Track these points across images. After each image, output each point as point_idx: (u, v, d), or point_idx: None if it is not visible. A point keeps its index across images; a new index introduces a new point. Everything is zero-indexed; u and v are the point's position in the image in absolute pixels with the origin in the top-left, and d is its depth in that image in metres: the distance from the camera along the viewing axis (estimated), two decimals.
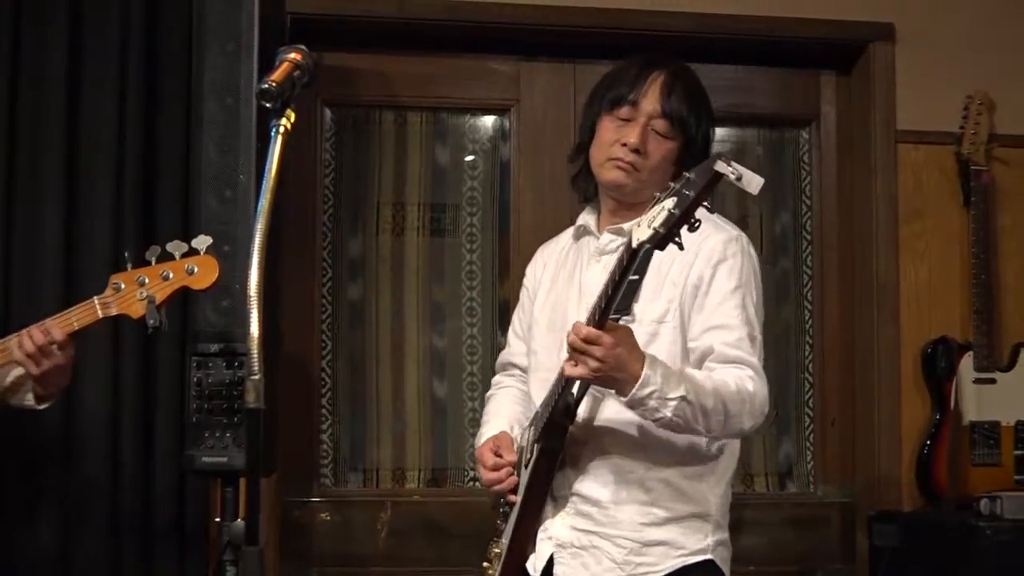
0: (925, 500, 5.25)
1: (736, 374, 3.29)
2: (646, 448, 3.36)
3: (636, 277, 3.30)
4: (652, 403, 3.16)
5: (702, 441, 3.37)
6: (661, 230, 2.85)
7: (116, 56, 4.85)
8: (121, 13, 4.86)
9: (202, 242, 3.77)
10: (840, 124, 5.64)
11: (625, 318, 3.32)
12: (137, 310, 3.75)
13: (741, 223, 5.48)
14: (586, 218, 3.65)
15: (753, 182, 2.93)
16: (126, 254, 3.82)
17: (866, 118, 5.46)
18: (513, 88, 5.48)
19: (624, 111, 3.49)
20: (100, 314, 3.76)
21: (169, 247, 3.75)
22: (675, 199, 2.86)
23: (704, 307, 3.37)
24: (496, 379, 3.89)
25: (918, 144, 5.43)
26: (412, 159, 5.53)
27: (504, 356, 3.88)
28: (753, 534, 5.37)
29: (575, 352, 3.11)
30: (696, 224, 2.89)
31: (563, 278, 3.64)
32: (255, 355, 2.56)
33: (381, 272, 5.49)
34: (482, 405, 3.92)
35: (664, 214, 2.86)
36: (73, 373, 3.92)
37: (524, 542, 3.48)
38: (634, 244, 2.92)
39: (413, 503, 5.36)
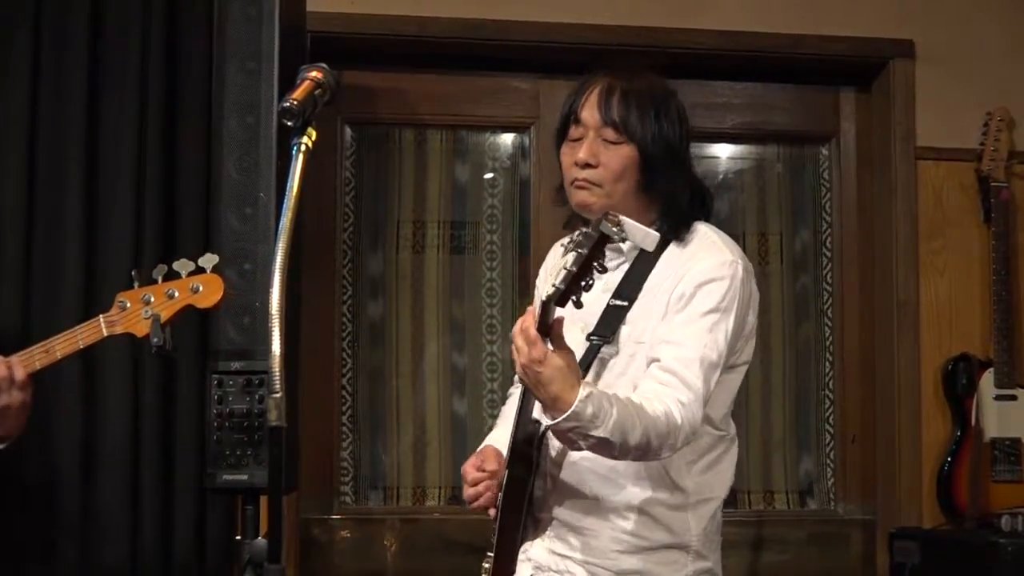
0: (946, 517, 5.24)
1: (669, 400, 3.12)
2: (624, 476, 3.29)
3: (624, 303, 3.30)
4: (572, 436, 3.05)
5: (682, 472, 3.30)
6: (561, 287, 2.82)
7: (137, 74, 4.87)
8: (142, 31, 4.87)
9: (208, 261, 3.76)
10: (860, 141, 5.64)
11: (607, 347, 3.30)
12: (142, 328, 3.74)
13: (761, 239, 5.51)
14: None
15: (647, 240, 2.89)
16: (133, 273, 3.81)
17: (886, 135, 5.46)
18: (533, 106, 5.48)
19: (572, 131, 3.38)
20: (105, 332, 3.75)
21: (176, 265, 3.74)
22: (573, 256, 2.82)
23: (672, 321, 3.23)
24: (511, 389, 3.85)
25: (938, 161, 5.43)
26: (432, 177, 5.54)
27: None
28: (774, 552, 5.36)
29: (523, 360, 3.01)
30: (590, 283, 2.84)
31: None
32: (277, 373, 2.56)
33: (401, 290, 5.49)
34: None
35: (563, 272, 2.82)
36: (29, 421, 3.80)
37: (507, 562, 3.41)
38: (543, 298, 2.88)
39: (433, 521, 5.35)
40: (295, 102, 2.77)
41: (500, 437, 3.58)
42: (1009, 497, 5.09)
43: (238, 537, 4.28)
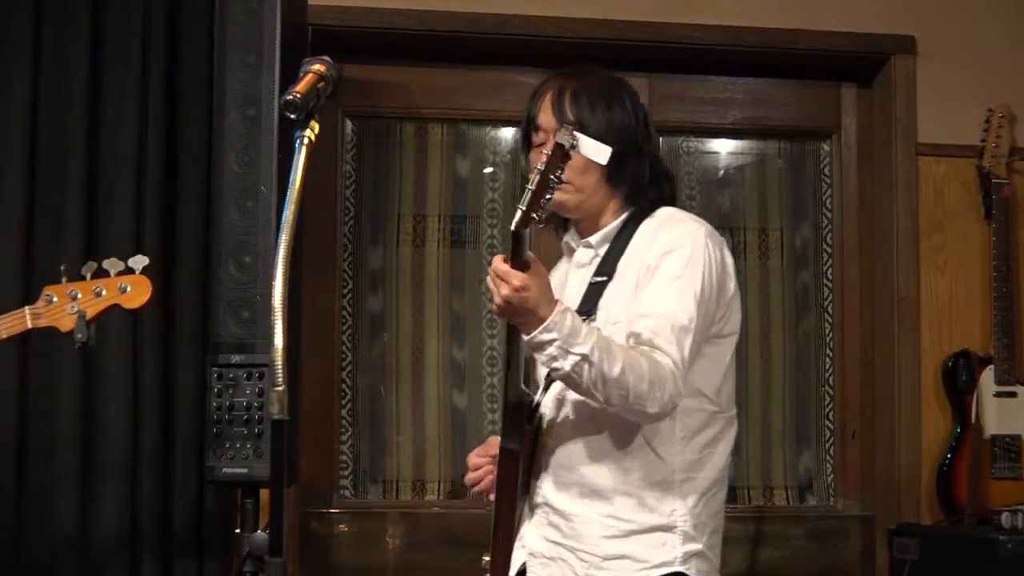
0: (945, 513, 5.24)
1: (653, 358, 3.17)
2: (612, 460, 3.31)
3: (603, 279, 3.38)
4: (551, 350, 3.09)
5: (671, 453, 3.32)
6: (523, 207, 2.97)
7: (138, 68, 4.87)
8: (143, 25, 4.88)
9: (138, 262, 3.81)
10: (861, 137, 5.64)
11: (589, 320, 3.34)
12: (66, 324, 3.77)
13: (762, 235, 5.51)
14: (568, 236, 3.63)
15: (599, 153, 3.07)
16: (62, 267, 3.83)
17: (887, 131, 5.46)
18: None
19: (535, 138, 3.47)
20: (30, 324, 3.78)
21: (105, 264, 3.79)
22: (534, 176, 2.98)
23: (643, 294, 3.29)
24: None
25: (939, 157, 5.43)
26: (432, 171, 5.54)
27: None
28: (773, 548, 5.36)
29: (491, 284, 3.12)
30: (547, 200, 3.00)
31: (556, 291, 3.65)
32: (279, 366, 2.56)
33: (401, 283, 5.49)
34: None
35: (527, 194, 2.97)
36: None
37: (505, 544, 3.45)
38: (512, 228, 3.02)
39: (433, 515, 5.36)
40: (298, 95, 2.77)
41: None
42: (1009, 494, 5.09)
43: (238, 530, 4.28)
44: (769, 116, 5.64)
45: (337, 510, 5.30)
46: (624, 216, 3.46)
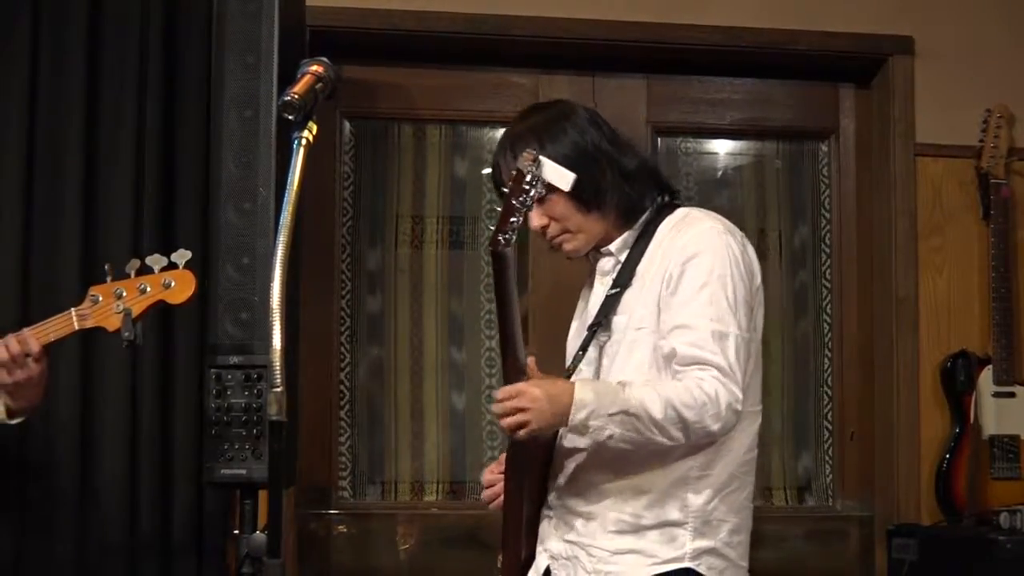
0: (944, 514, 5.24)
1: (695, 376, 3.21)
2: (622, 458, 3.32)
3: (616, 290, 3.42)
4: (594, 423, 3.17)
5: (679, 451, 3.32)
6: (492, 229, 3.03)
7: (135, 68, 4.87)
8: (141, 25, 4.88)
9: (181, 256, 3.79)
10: (859, 137, 5.63)
11: (602, 333, 3.40)
12: (113, 323, 3.75)
13: (760, 236, 5.51)
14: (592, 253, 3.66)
15: (563, 179, 3.16)
16: (106, 267, 3.82)
17: (885, 131, 5.45)
18: (532, 101, 5.43)
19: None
20: (76, 326, 3.77)
21: (148, 261, 3.76)
22: (505, 201, 3.06)
23: (671, 306, 3.31)
24: None
25: (937, 157, 5.42)
26: (431, 172, 5.54)
27: None
28: (771, 548, 5.36)
29: (510, 415, 3.16)
30: (515, 222, 3.05)
31: (583, 295, 3.70)
32: (277, 367, 2.56)
33: (400, 285, 5.49)
34: None
35: (498, 218, 3.04)
36: (47, 390, 3.90)
37: (513, 540, 3.48)
38: (490, 247, 3.07)
39: (431, 516, 5.35)
40: (296, 96, 2.77)
41: None
42: (1007, 494, 5.09)
43: (236, 531, 4.28)
44: (767, 117, 5.63)
45: (336, 511, 5.29)
46: (643, 219, 3.48)
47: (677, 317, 3.28)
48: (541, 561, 3.49)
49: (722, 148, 5.74)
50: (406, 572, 5.28)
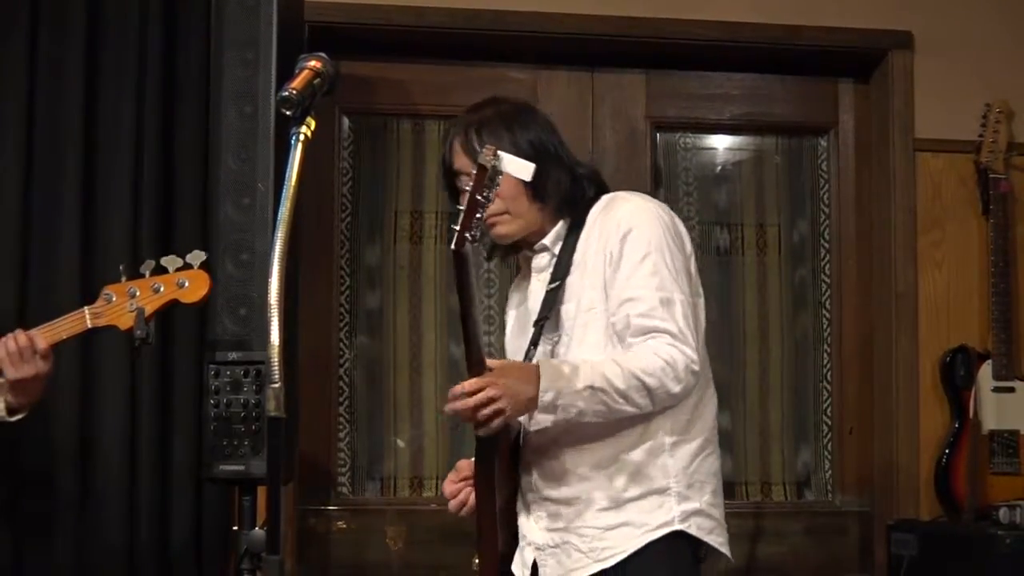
0: (944, 509, 5.24)
1: (650, 345, 3.33)
2: (598, 439, 3.41)
3: (556, 284, 3.50)
4: (562, 402, 3.26)
5: (658, 421, 3.41)
6: (456, 228, 3.08)
7: (134, 65, 4.87)
8: (139, 21, 4.88)
9: (196, 257, 3.81)
10: (859, 132, 5.63)
11: (549, 328, 3.50)
12: (126, 321, 3.77)
13: (759, 231, 5.51)
14: (522, 253, 3.73)
15: (523, 170, 3.20)
16: (121, 267, 3.83)
17: (885, 126, 5.45)
18: (531, 96, 5.44)
19: (458, 184, 3.54)
20: (89, 324, 3.78)
21: (163, 261, 3.78)
22: (464, 198, 3.10)
23: (616, 281, 3.42)
24: None
25: (937, 152, 5.42)
26: (430, 167, 5.52)
27: None
28: (771, 543, 5.36)
29: (476, 410, 3.24)
30: (479, 219, 3.11)
31: (520, 306, 3.77)
32: (275, 363, 2.56)
33: (399, 280, 5.49)
34: None
35: (460, 215, 3.09)
36: (48, 389, 3.90)
37: (490, 535, 3.50)
38: (452, 247, 3.12)
39: (430, 512, 5.34)
40: (294, 91, 2.76)
41: None
42: (1007, 489, 5.08)
43: (235, 528, 4.28)
44: (767, 112, 5.63)
45: (334, 507, 5.29)
46: (575, 211, 3.56)
47: (624, 291, 3.39)
48: (527, 555, 3.53)
49: (721, 143, 5.74)
50: (405, 568, 5.28)
